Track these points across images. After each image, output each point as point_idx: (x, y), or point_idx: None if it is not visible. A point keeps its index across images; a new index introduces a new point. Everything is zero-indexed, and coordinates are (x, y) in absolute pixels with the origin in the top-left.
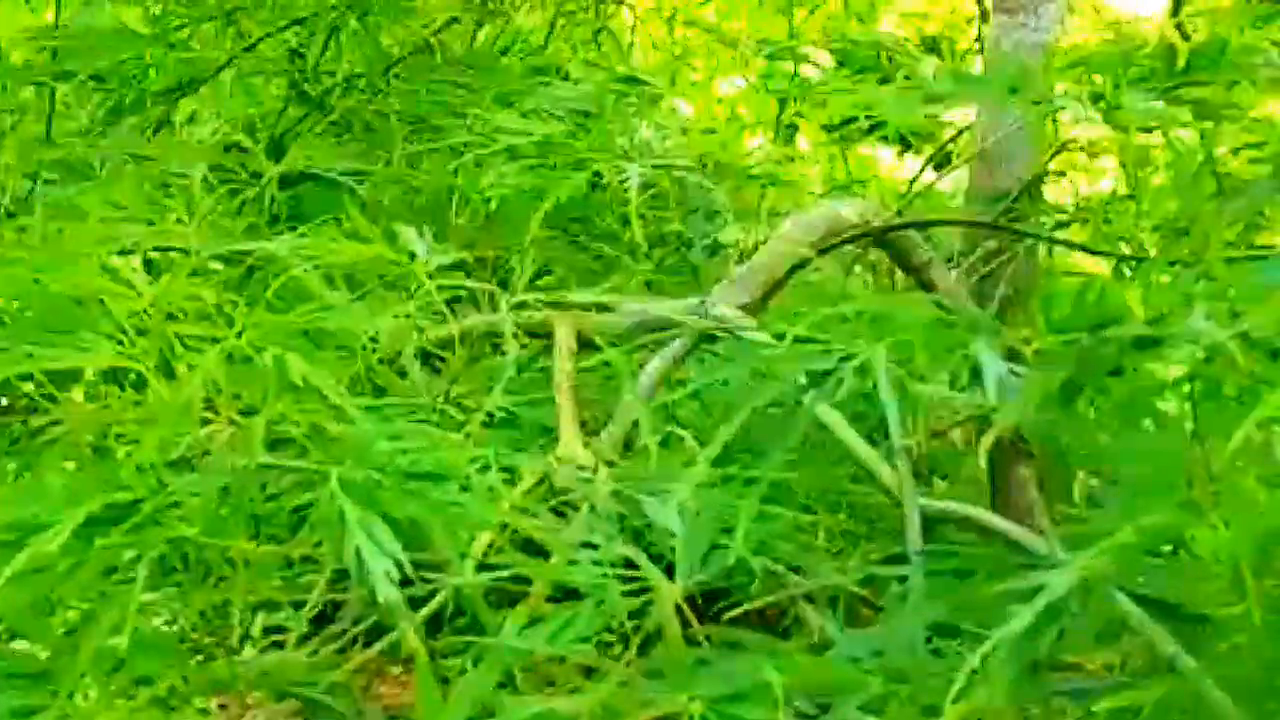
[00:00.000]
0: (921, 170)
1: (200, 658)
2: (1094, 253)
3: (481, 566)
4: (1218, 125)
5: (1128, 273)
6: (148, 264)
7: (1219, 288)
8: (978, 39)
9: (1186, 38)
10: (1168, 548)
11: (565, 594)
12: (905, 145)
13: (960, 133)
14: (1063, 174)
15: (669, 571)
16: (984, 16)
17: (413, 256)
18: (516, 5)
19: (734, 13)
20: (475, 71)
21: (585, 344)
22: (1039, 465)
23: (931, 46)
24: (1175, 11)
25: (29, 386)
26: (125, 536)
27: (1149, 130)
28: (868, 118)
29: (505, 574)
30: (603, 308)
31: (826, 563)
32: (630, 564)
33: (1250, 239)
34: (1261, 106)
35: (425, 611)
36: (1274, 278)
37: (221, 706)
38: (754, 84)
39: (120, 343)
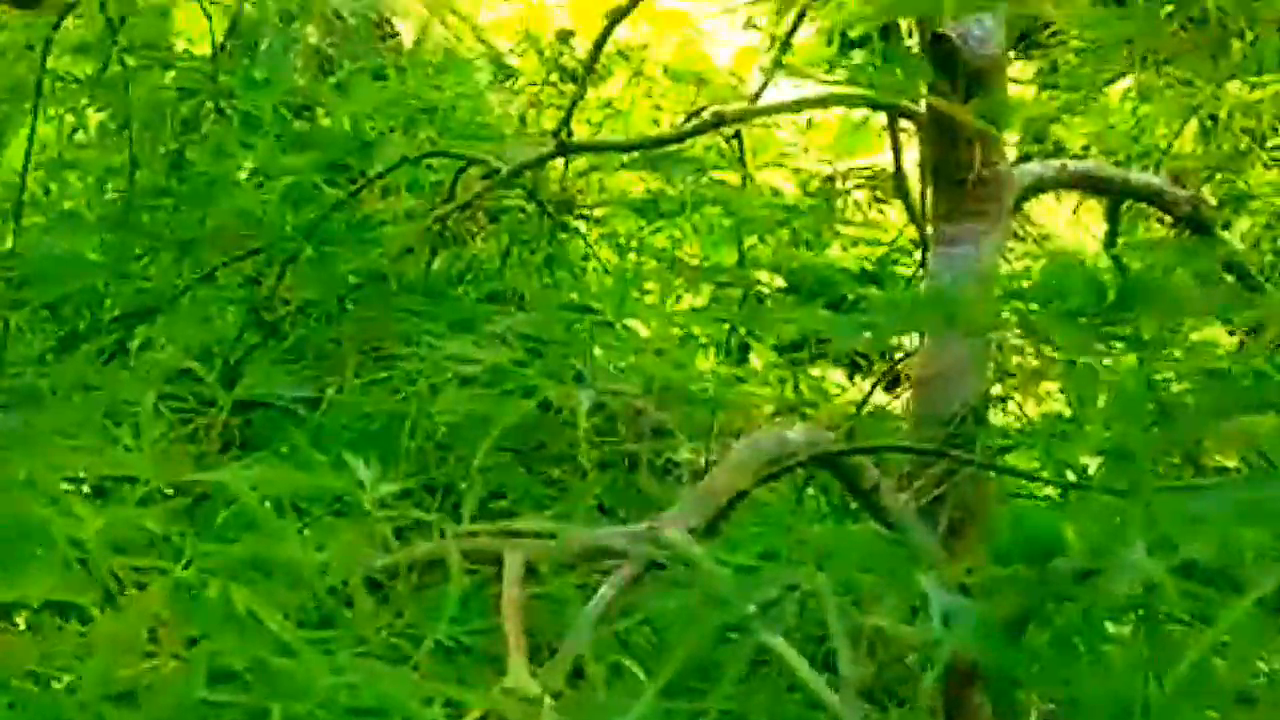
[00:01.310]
0: (869, 393)
1: None
2: (1034, 479)
3: None
4: (1155, 353)
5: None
6: (97, 492)
7: (1154, 517)
8: (922, 265)
9: (1123, 269)
10: None
11: None
12: (856, 366)
13: (908, 355)
14: (1008, 398)
15: None
16: (925, 243)
17: (361, 485)
18: (472, 232)
19: (685, 239)
20: (430, 299)
21: (535, 571)
22: (993, 690)
23: (876, 275)
24: (1111, 243)
25: None
26: None
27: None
28: (818, 340)
29: None
30: (552, 535)
31: None
32: None
33: (1198, 458)
34: (1204, 332)
35: None
36: (1207, 508)
37: None
38: (704, 307)
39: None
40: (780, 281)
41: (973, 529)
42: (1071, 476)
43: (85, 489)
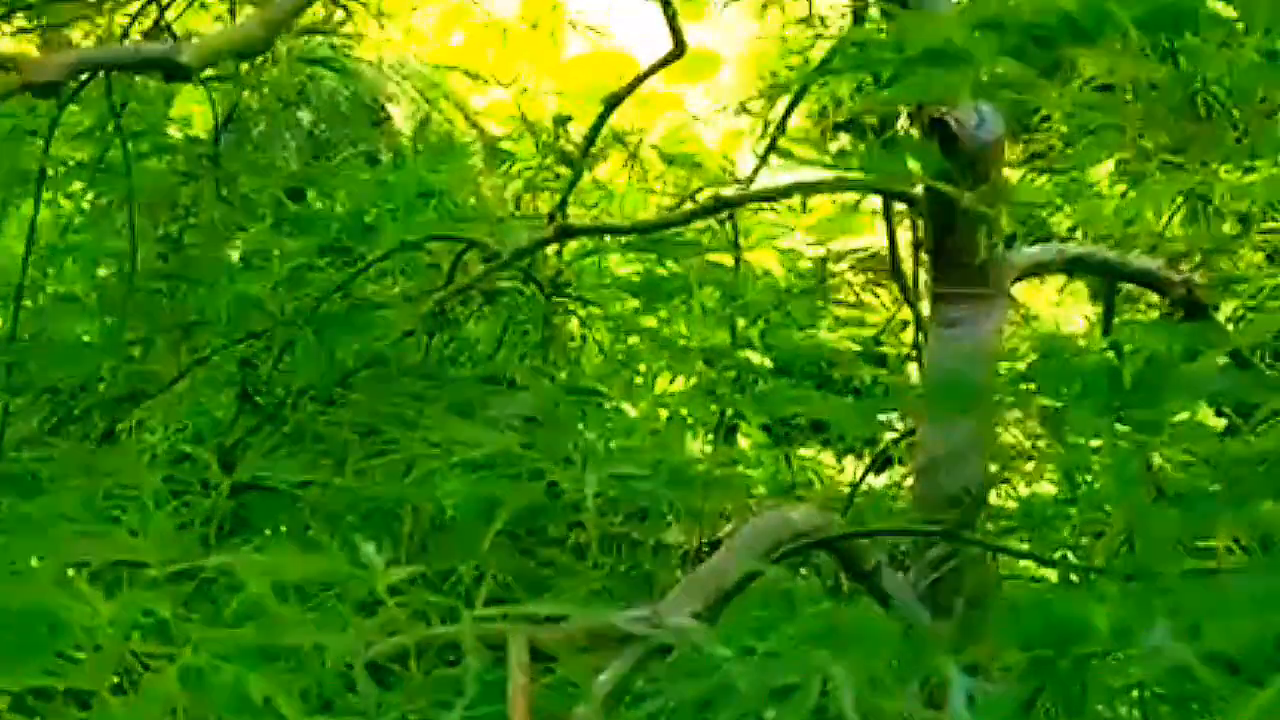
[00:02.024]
0: (865, 474)
1: None
2: (1043, 562)
3: None
4: (1153, 435)
5: (1073, 578)
6: (93, 577)
7: (1175, 603)
8: (914, 346)
9: (1121, 355)
10: None
11: None
12: (847, 447)
13: (903, 437)
14: (1007, 480)
15: None
16: (919, 324)
17: (359, 566)
18: (467, 314)
19: (676, 321)
20: (427, 381)
21: (538, 654)
22: None
23: (871, 355)
24: (1108, 326)
25: None
26: None
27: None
28: (811, 422)
29: None
30: (556, 618)
31: None
32: None
33: (1192, 540)
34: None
35: None
36: (1228, 594)
37: None
38: (695, 387)
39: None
40: (770, 362)
41: (977, 610)
42: (1072, 558)
43: (77, 572)
